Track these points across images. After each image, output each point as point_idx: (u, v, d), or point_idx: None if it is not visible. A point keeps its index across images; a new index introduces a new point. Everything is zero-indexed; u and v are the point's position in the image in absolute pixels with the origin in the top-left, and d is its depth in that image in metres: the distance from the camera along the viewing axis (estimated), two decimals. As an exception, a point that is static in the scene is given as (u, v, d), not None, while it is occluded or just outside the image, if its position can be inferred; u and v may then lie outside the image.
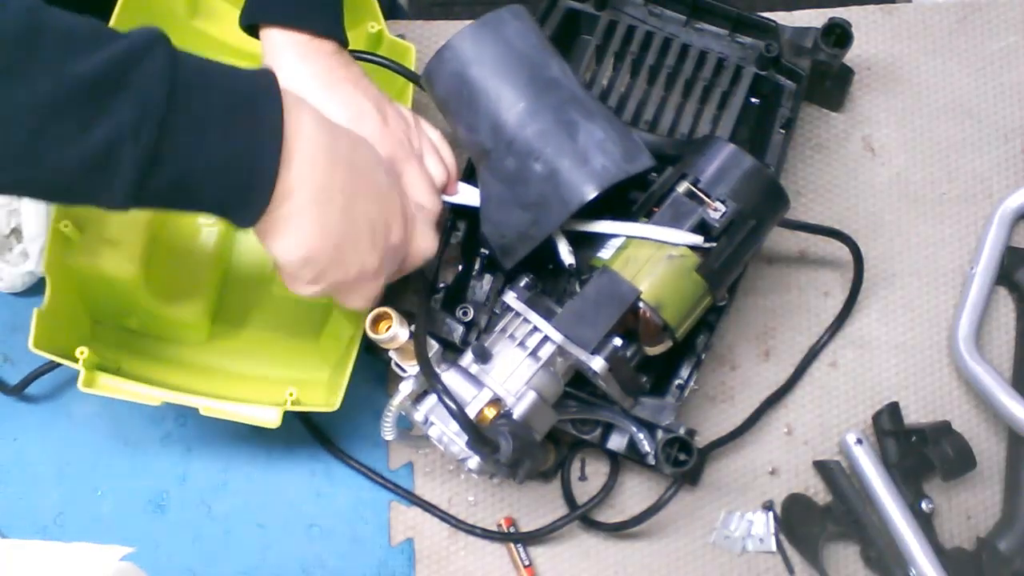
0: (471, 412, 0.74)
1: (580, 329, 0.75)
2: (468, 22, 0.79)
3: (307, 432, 0.94)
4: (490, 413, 0.75)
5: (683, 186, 0.78)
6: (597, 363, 0.74)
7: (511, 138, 0.78)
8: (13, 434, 0.94)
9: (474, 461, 0.75)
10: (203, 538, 0.92)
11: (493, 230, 0.81)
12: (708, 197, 0.77)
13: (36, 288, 0.95)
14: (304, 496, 0.93)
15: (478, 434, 0.72)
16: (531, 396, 0.76)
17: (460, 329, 0.84)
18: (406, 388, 0.77)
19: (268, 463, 0.93)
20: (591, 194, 0.75)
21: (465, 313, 0.84)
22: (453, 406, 0.72)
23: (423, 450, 0.93)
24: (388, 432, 0.79)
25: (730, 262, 0.78)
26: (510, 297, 0.80)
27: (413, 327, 0.78)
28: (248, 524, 0.92)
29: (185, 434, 0.94)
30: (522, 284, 0.82)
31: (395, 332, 0.76)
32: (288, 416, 0.85)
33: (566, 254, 0.80)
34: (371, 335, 0.76)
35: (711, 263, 0.76)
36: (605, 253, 0.78)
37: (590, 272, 0.78)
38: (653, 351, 0.78)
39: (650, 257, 0.76)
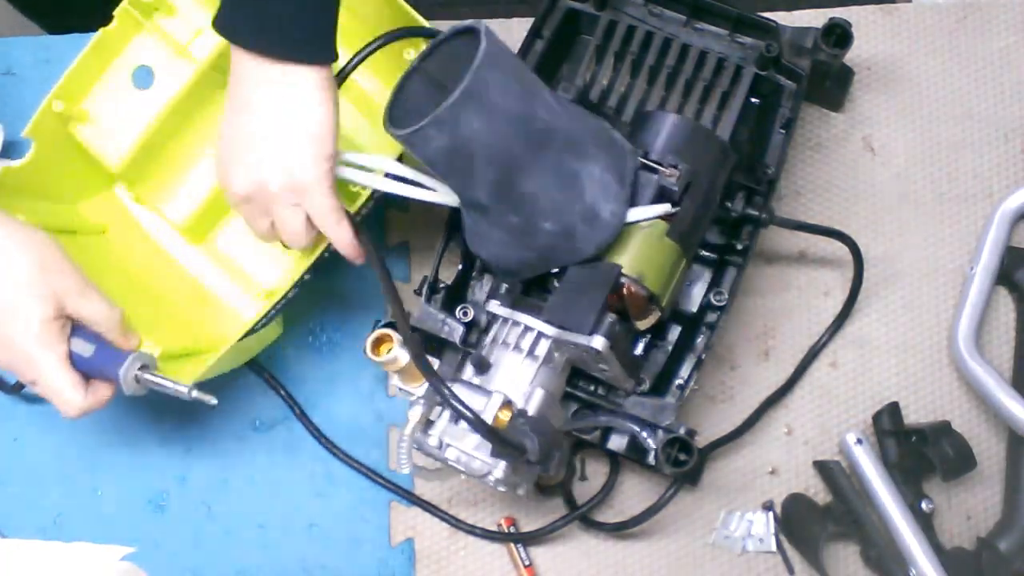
0: (486, 420, 0.74)
1: (572, 316, 0.76)
2: (469, 21, 0.78)
3: (307, 432, 0.94)
4: (505, 416, 0.75)
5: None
6: (598, 342, 0.74)
7: (514, 201, 0.76)
8: (13, 434, 0.94)
9: (499, 471, 0.74)
10: (203, 538, 0.92)
11: (491, 259, 0.81)
12: (661, 165, 0.79)
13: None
14: (304, 496, 0.93)
15: (501, 438, 0.71)
16: (540, 393, 0.76)
17: (460, 329, 0.84)
18: (415, 415, 0.76)
19: (268, 463, 0.93)
20: (608, 242, 0.77)
21: (465, 313, 0.84)
22: (468, 413, 0.71)
23: (449, 481, 0.93)
24: (405, 465, 0.77)
25: (696, 222, 0.80)
26: (494, 305, 0.80)
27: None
28: (248, 524, 0.92)
29: (185, 434, 0.94)
30: (503, 291, 0.82)
31: (396, 354, 0.76)
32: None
33: None
34: (372, 358, 0.76)
35: (680, 226, 0.78)
36: None
37: None
38: (643, 324, 0.79)
39: (622, 234, 0.78)
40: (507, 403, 0.76)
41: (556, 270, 0.80)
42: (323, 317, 0.96)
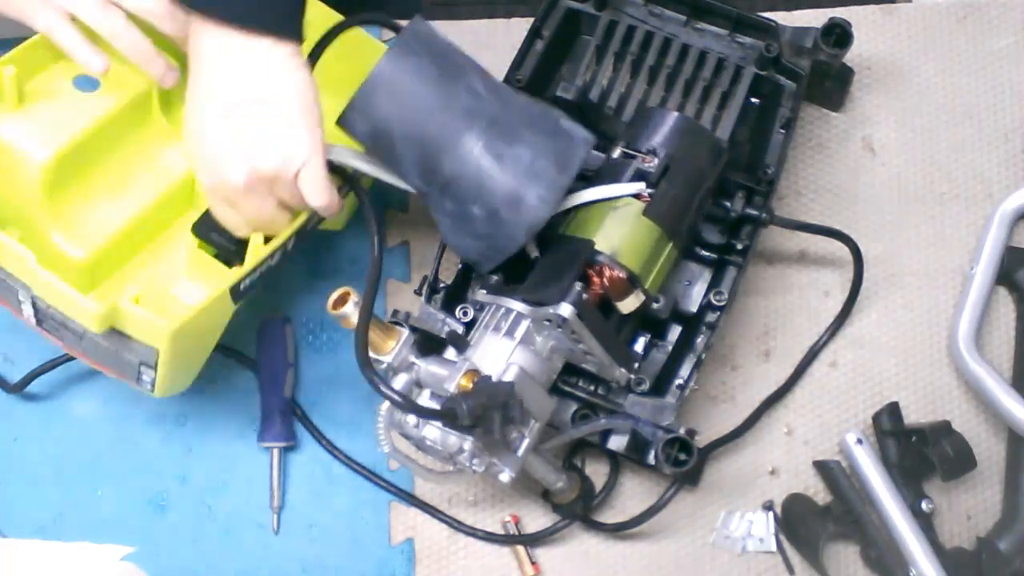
0: (450, 388, 0.74)
1: (543, 291, 0.77)
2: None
3: (307, 432, 0.94)
4: (468, 383, 0.75)
5: (616, 152, 0.82)
6: (564, 309, 0.74)
7: (443, 184, 0.79)
8: (13, 434, 0.94)
9: (469, 443, 0.75)
10: (203, 538, 0.92)
11: (456, 248, 0.83)
12: (640, 152, 0.81)
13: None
14: (304, 496, 0.93)
15: (417, 407, 0.73)
16: (514, 369, 0.77)
17: (460, 329, 0.84)
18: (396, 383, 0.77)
19: (268, 463, 0.93)
20: (537, 227, 0.78)
21: (465, 313, 0.85)
22: (382, 386, 0.72)
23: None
24: (384, 443, 0.78)
25: (677, 204, 0.80)
26: (480, 294, 0.81)
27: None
28: (248, 524, 0.92)
29: (185, 434, 0.94)
30: (491, 282, 0.82)
31: (348, 311, 0.75)
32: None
33: (532, 249, 0.83)
34: (331, 312, 0.76)
35: (657, 206, 0.79)
36: (560, 229, 0.82)
37: None
38: (626, 307, 0.79)
39: (598, 215, 0.79)
40: (472, 371, 0.76)
41: (536, 255, 0.82)
42: (323, 317, 0.96)
